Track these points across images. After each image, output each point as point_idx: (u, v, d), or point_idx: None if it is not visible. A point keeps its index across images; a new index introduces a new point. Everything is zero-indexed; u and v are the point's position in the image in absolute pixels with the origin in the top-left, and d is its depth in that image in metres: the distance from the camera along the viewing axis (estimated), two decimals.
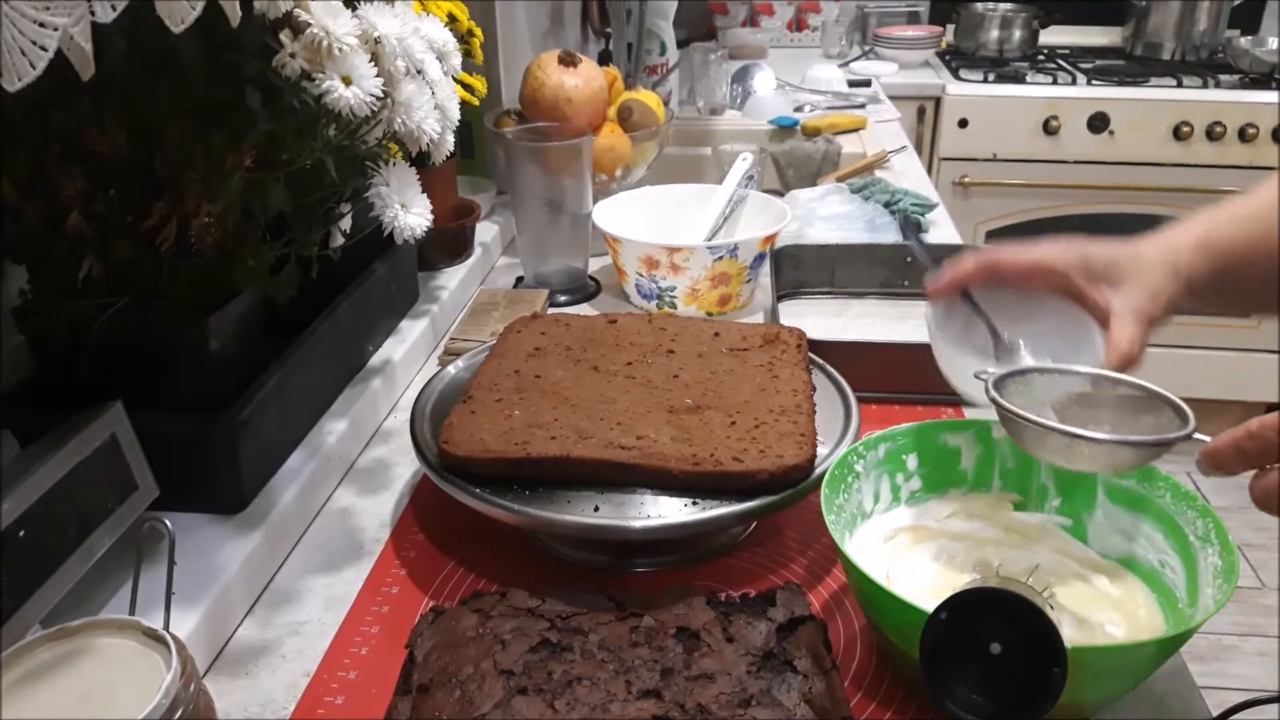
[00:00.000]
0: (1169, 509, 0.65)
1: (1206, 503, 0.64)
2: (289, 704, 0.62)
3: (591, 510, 0.67)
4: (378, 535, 0.78)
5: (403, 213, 0.79)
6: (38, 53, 0.42)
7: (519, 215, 1.14)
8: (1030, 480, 0.71)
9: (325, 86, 0.65)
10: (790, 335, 0.86)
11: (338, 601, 0.71)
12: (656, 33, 1.76)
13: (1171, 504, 0.65)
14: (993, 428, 0.72)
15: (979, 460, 0.72)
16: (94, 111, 0.63)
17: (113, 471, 0.60)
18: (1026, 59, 2.66)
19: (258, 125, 0.65)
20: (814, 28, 2.81)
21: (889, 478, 0.71)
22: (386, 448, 0.90)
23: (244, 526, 0.71)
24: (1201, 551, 0.62)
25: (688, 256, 1.06)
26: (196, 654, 0.52)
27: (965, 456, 0.72)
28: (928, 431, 0.72)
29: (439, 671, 0.58)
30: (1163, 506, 0.66)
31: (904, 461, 0.72)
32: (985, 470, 0.72)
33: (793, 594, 0.64)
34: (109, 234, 0.66)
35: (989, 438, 0.72)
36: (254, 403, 0.72)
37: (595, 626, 0.61)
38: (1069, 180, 2.43)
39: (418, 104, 0.74)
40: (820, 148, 1.52)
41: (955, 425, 0.73)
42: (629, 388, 0.78)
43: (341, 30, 0.66)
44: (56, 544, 0.55)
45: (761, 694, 0.56)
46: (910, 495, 0.72)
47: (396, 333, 1.02)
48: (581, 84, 1.25)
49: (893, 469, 0.71)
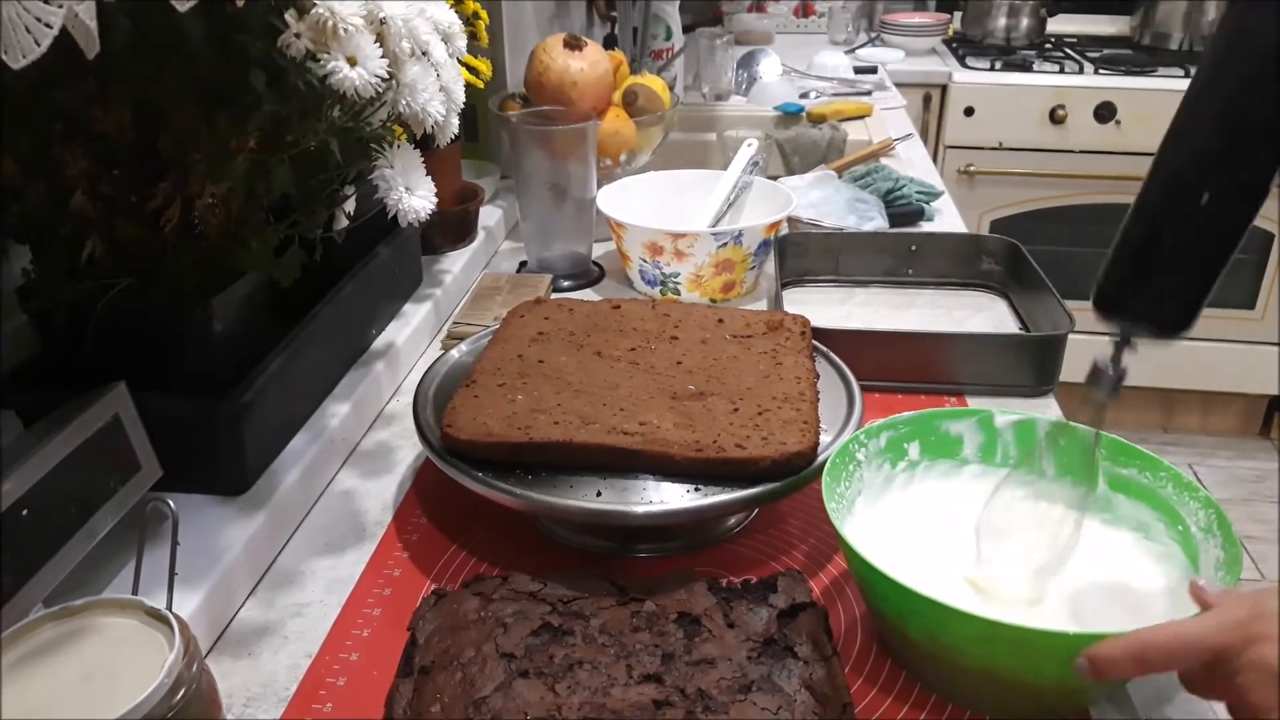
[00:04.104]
0: (1171, 499, 0.65)
1: (1209, 494, 0.63)
2: (291, 684, 0.62)
3: (594, 495, 0.67)
4: (380, 518, 0.78)
5: (407, 195, 0.78)
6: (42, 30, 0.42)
7: (523, 199, 1.14)
8: (1032, 469, 0.71)
9: (330, 67, 0.65)
10: (794, 322, 0.85)
11: (340, 583, 0.71)
12: (662, 17, 1.75)
13: (1174, 494, 0.65)
14: (995, 415, 0.72)
15: (981, 448, 0.72)
16: (99, 91, 0.63)
17: (116, 452, 0.60)
18: (1034, 47, 2.64)
19: (262, 106, 0.65)
20: (821, 14, 2.79)
21: (890, 465, 0.71)
22: (389, 431, 0.90)
23: (247, 508, 0.71)
24: (1204, 543, 0.61)
25: (692, 243, 1.06)
26: (199, 634, 0.52)
27: (968, 444, 0.72)
28: (929, 420, 0.72)
29: (440, 654, 0.58)
30: (1164, 496, 0.65)
31: (905, 449, 0.72)
32: (988, 458, 0.72)
33: (794, 580, 0.64)
34: (113, 214, 0.66)
35: (991, 425, 0.72)
36: (257, 385, 0.72)
37: (597, 611, 0.61)
38: (1075, 170, 2.42)
39: (423, 86, 0.73)
40: (825, 134, 1.52)
41: (957, 414, 0.73)
42: (632, 373, 0.78)
43: (347, 11, 0.65)
44: (59, 524, 0.55)
45: (762, 679, 0.56)
46: (911, 482, 0.72)
47: (400, 316, 1.01)
48: (587, 68, 1.25)
49: (894, 457, 0.71)
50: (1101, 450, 0.67)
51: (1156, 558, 0.65)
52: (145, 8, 0.57)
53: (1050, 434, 0.69)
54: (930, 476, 0.72)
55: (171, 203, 0.65)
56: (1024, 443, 0.71)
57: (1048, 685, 0.56)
